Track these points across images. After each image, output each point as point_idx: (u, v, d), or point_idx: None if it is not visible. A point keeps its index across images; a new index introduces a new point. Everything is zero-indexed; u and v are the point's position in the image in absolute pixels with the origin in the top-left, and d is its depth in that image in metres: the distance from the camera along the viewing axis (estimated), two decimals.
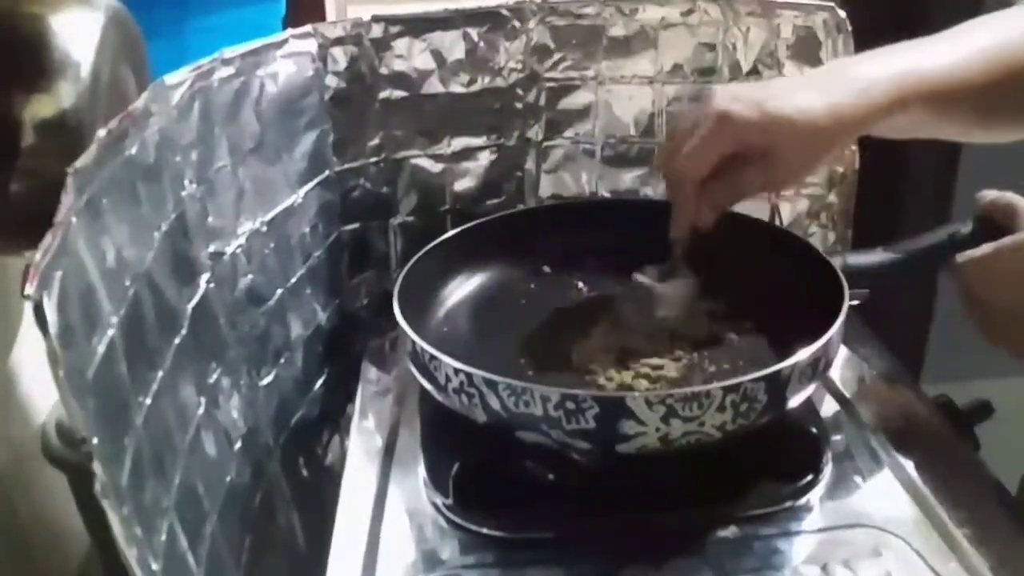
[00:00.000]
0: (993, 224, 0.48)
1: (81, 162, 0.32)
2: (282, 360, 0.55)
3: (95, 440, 0.30)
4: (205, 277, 0.45)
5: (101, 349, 0.33)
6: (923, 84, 0.46)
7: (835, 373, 0.53)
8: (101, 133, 0.34)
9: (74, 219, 0.31)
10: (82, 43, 0.46)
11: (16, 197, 0.44)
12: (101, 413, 0.32)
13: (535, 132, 0.65)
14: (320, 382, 0.60)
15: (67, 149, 0.34)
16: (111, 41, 0.48)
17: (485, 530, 0.44)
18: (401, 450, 0.51)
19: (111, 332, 0.34)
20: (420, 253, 0.56)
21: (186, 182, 0.43)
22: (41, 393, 0.63)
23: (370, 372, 0.59)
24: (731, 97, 0.45)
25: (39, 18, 0.45)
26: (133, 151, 0.37)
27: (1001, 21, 0.49)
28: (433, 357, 0.45)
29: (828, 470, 0.46)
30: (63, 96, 0.45)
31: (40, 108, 0.45)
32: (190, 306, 0.43)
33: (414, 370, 0.48)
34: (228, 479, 0.45)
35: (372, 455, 0.51)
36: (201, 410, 0.43)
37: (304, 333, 0.58)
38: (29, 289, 0.27)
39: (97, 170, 0.34)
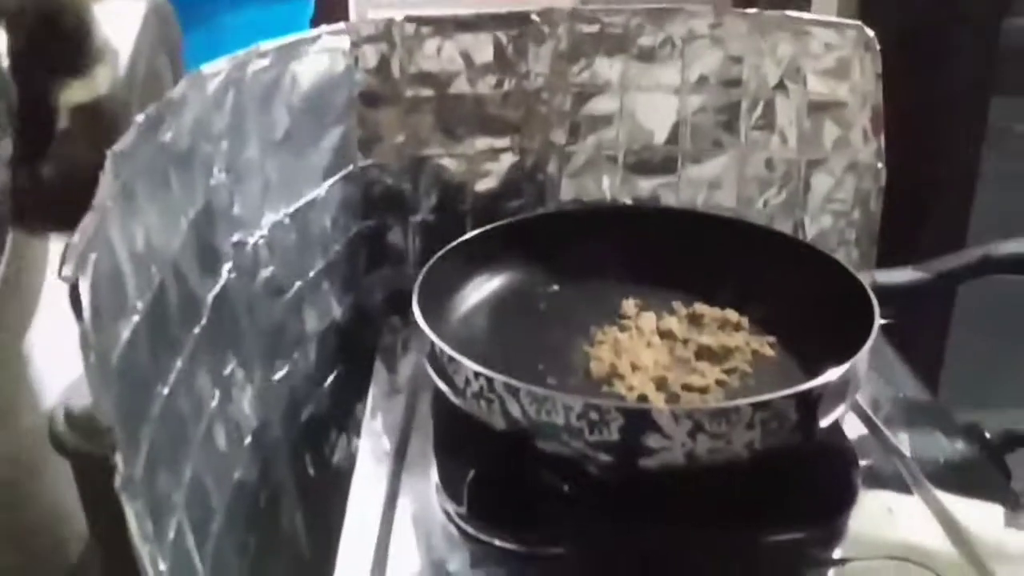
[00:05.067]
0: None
1: (119, 146, 0.32)
2: (296, 354, 0.54)
3: (116, 430, 0.29)
4: (227, 267, 0.44)
5: (126, 335, 0.32)
6: None
7: (862, 396, 0.52)
8: (139, 118, 0.34)
9: (110, 203, 0.31)
10: (123, 32, 0.46)
11: (48, 181, 0.44)
12: (122, 401, 0.31)
13: (558, 136, 0.64)
14: (331, 378, 0.60)
15: (100, 135, 0.33)
16: (150, 31, 0.48)
17: (497, 542, 0.42)
18: (413, 454, 0.50)
19: (136, 318, 0.33)
20: (441, 252, 0.55)
21: (215, 171, 0.43)
22: (51, 379, 0.63)
23: (382, 371, 0.58)
24: None
25: (83, 6, 0.45)
26: (168, 137, 0.37)
27: None
28: (452, 359, 0.44)
29: (858, 496, 0.45)
30: (100, 83, 0.45)
31: (77, 93, 0.45)
32: (211, 295, 0.42)
33: (431, 372, 0.47)
34: (236, 475, 0.45)
35: (382, 458, 0.50)
36: (215, 402, 0.42)
37: (319, 328, 0.57)
38: (67, 271, 0.27)
39: (133, 154, 0.33)
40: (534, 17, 0.61)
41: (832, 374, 0.42)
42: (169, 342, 0.37)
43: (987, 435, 0.50)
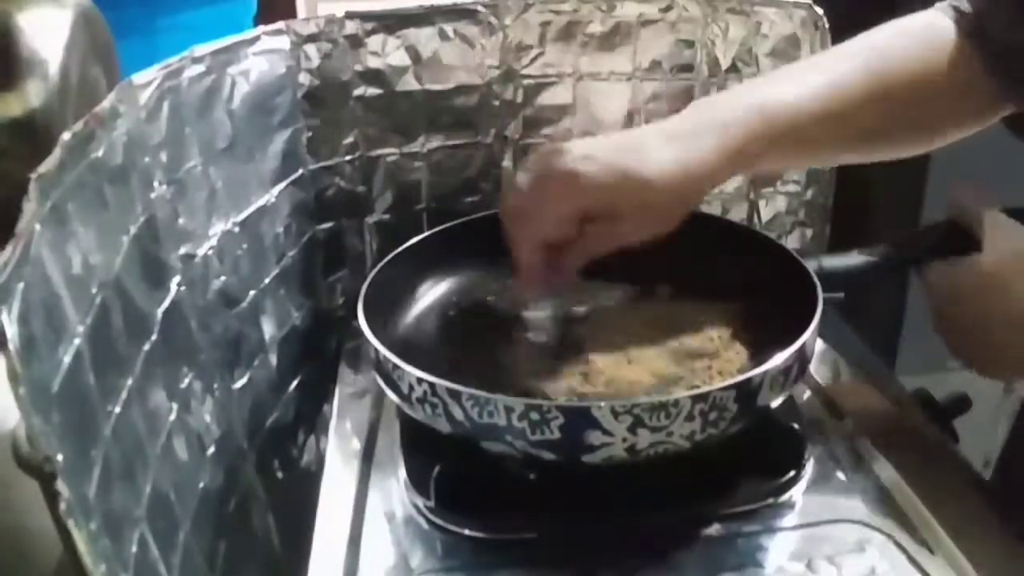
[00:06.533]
0: (960, 230, 0.47)
1: (44, 167, 0.31)
2: (256, 362, 0.54)
3: (60, 457, 0.29)
4: (176, 280, 0.44)
5: (67, 360, 0.32)
6: (782, 123, 0.44)
7: (813, 367, 0.53)
8: (66, 136, 0.33)
9: (38, 227, 0.30)
10: (50, 41, 0.44)
11: None
12: (67, 427, 0.31)
13: (512, 129, 0.64)
14: (295, 384, 0.60)
15: (37, 150, 0.33)
16: (80, 39, 0.46)
17: (467, 531, 0.43)
18: (380, 452, 0.51)
19: (77, 342, 0.33)
20: (387, 258, 0.55)
21: (155, 184, 0.42)
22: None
23: (347, 373, 0.59)
24: (582, 156, 0.44)
25: (5, 15, 0.44)
26: (100, 153, 0.36)
27: (876, 40, 0.47)
28: (396, 366, 0.44)
29: (810, 466, 0.46)
30: (31, 95, 0.43)
31: (8, 107, 0.44)
32: (160, 310, 0.42)
33: (379, 379, 0.47)
34: (201, 485, 0.45)
35: (350, 457, 0.50)
36: (172, 416, 0.42)
37: (278, 334, 0.57)
38: None
39: (62, 174, 0.33)
40: (480, 8, 0.60)
41: (773, 362, 0.42)
42: (116, 361, 0.37)
43: (936, 400, 0.51)
